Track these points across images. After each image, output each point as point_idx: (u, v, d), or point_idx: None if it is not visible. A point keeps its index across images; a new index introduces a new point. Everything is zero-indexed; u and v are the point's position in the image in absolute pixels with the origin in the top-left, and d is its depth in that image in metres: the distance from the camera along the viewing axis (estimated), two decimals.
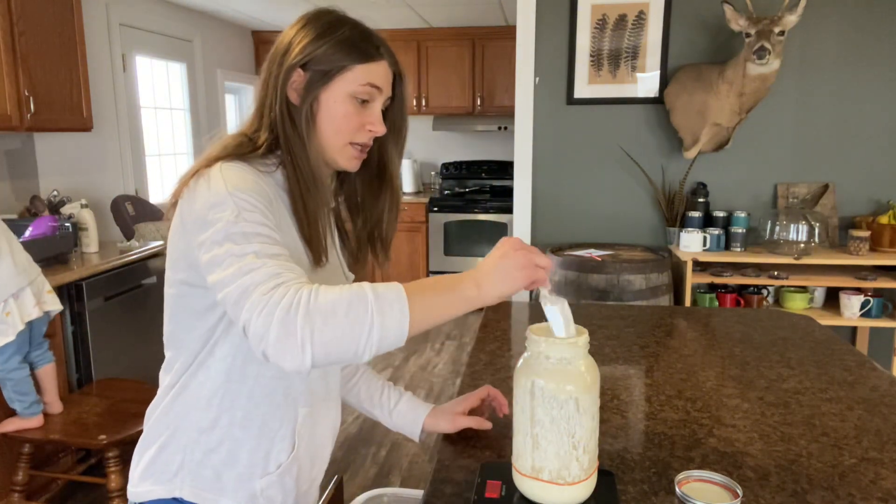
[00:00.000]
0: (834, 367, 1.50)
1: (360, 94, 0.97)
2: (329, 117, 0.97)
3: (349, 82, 0.96)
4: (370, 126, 0.99)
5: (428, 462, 2.86)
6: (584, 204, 3.34)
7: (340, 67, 0.95)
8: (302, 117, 0.95)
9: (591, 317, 1.94)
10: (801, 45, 3.03)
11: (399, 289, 0.80)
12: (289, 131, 0.96)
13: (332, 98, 0.96)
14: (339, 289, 0.79)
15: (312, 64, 0.95)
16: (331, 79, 0.95)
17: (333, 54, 0.95)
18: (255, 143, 0.97)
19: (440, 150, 5.89)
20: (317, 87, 0.95)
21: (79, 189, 3.48)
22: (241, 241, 0.82)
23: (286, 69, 0.95)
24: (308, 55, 0.95)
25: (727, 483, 0.90)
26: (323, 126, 0.97)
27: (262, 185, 0.91)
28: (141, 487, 1.01)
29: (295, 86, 0.96)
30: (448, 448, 1.14)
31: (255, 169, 0.94)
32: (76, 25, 2.95)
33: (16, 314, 2.06)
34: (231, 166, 0.91)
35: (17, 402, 2.14)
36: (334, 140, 0.98)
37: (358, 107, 0.98)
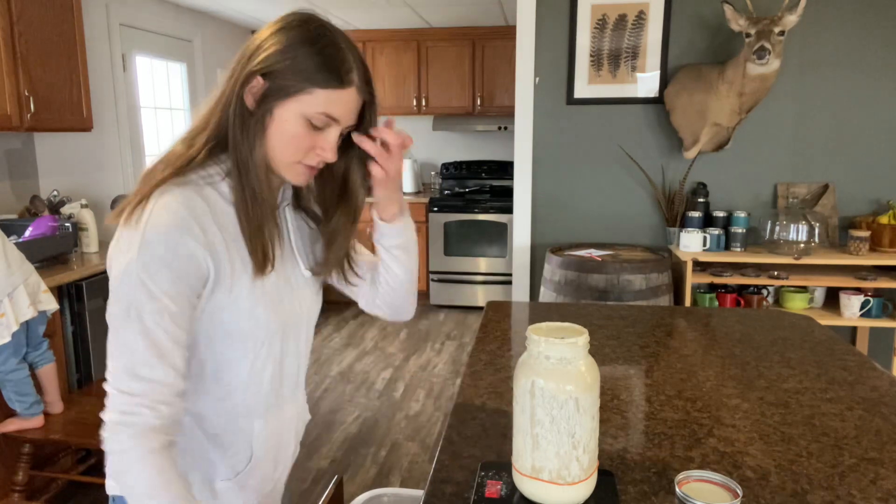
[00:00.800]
0: (834, 367, 1.50)
1: (315, 119, 0.91)
2: (279, 133, 0.92)
3: (306, 105, 0.90)
4: (321, 151, 0.94)
5: (428, 462, 2.86)
6: (584, 204, 3.34)
7: (300, 88, 0.90)
8: (252, 124, 0.91)
9: (591, 317, 1.94)
10: (801, 45, 3.03)
11: None
12: (238, 135, 0.92)
13: (285, 115, 0.91)
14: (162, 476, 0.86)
15: (273, 75, 0.90)
16: (287, 96, 0.90)
17: (295, 72, 0.89)
18: (195, 145, 0.94)
19: (440, 150, 5.89)
20: (272, 100, 0.90)
21: (79, 189, 3.49)
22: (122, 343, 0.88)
23: (247, 73, 0.91)
24: (270, 65, 0.90)
25: (727, 483, 0.90)
26: (272, 139, 0.92)
27: (189, 229, 0.88)
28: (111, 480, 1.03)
29: (253, 91, 0.91)
30: (448, 448, 1.14)
31: (194, 190, 0.90)
32: (76, 25, 2.95)
33: (10, 314, 2.04)
34: (158, 221, 0.86)
35: (17, 402, 2.14)
36: (281, 156, 0.94)
37: (311, 129, 0.92)
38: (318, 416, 3.34)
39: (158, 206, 0.88)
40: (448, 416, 1.52)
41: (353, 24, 5.19)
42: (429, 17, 4.98)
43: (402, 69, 5.46)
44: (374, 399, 3.57)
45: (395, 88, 5.49)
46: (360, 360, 4.16)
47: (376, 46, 5.44)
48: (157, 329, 0.86)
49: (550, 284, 2.87)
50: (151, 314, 0.86)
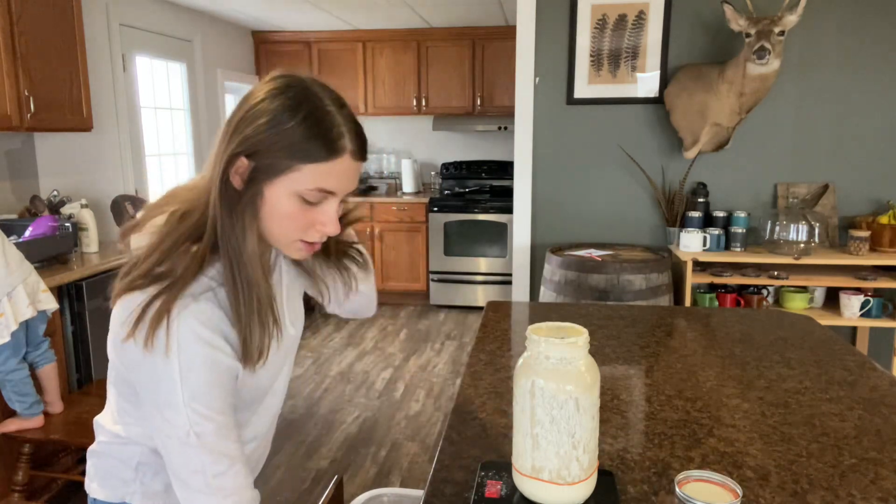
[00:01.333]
0: (834, 367, 1.50)
1: (308, 196, 0.84)
2: (273, 215, 0.85)
3: (296, 182, 0.83)
4: (320, 227, 0.87)
5: (428, 462, 2.86)
6: (584, 204, 3.34)
7: (287, 167, 0.82)
8: (241, 208, 0.84)
9: (591, 317, 1.94)
10: (801, 45, 3.03)
11: None
12: (226, 221, 0.84)
13: (276, 195, 0.84)
14: None
15: (257, 154, 0.82)
16: (275, 175, 0.83)
17: (280, 150, 0.81)
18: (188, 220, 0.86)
19: (440, 150, 5.89)
20: (260, 181, 0.83)
21: (79, 189, 3.48)
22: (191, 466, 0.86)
23: (229, 156, 0.83)
24: (252, 144, 0.82)
25: (727, 483, 0.90)
26: (266, 222, 0.86)
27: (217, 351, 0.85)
28: (94, 483, 1.04)
29: (239, 171, 0.83)
30: (448, 448, 1.14)
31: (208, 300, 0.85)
32: (76, 25, 2.95)
33: (9, 314, 2.04)
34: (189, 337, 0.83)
35: (17, 402, 2.14)
36: (281, 237, 0.88)
37: (307, 206, 0.85)
38: (318, 416, 3.34)
39: (183, 332, 0.83)
40: (448, 416, 1.52)
41: (354, 24, 5.19)
42: (429, 17, 4.98)
43: (402, 69, 5.46)
44: (374, 399, 3.57)
45: (395, 88, 5.49)
46: (360, 360, 4.16)
47: (376, 46, 5.44)
48: (221, 441, 0.87)
49: (550, 284, 2.87)
50: (212, 434, 0.86)
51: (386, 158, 5.92)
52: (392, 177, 5.88)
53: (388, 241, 5.41)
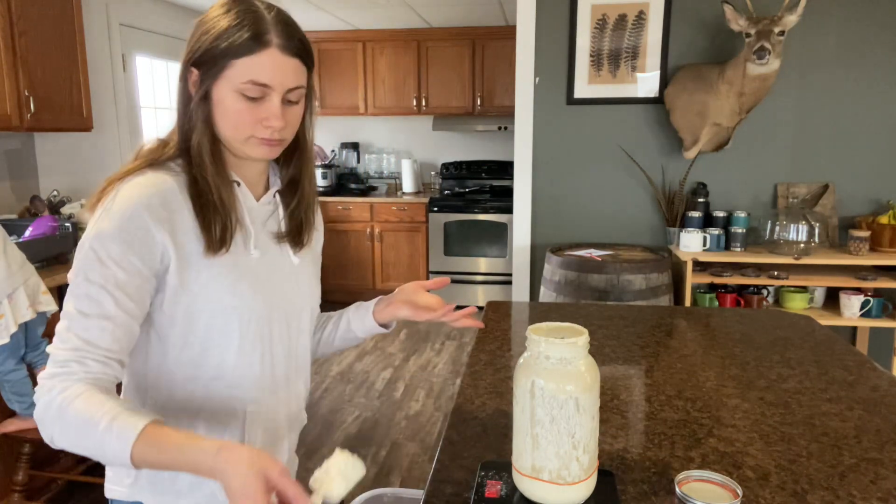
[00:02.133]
0: (834, 367, 1.50)
1: (246, 91, 0.91)
2: (222, 114, 0.93)
3: (231, 79, 0.91)
4: (266, 122, 0.93)
5: (428, 462, 2.86)
6: (584, 204, 3.34)
7: (221, 65, 0.90)
8: (193, 110, 0.94)
9: (591, 317, 1.94)
10: (801, 45, 3.03)
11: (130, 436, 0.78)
12: (185, 127, 0.95)
13: (220, 95, 0.92)
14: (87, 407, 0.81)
15: (199, 60, 0.92)
16: (215, 76, 0.91)
17: (214, 49, 0.91)
18: (167, 144, 0.98)
19: (440, 150, 5.89)
20: (207, 85, 0.92)
21: (79, 189, 3.49)
22: (70, 303, 0.88)
23: (181, 69, 0.95)
24: (195, 51, 0.92)
25: (727, 483, 0.90)
26: (219, 122, 0.94)
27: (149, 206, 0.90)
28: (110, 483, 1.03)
29: (193, 82, 0.94)
30: (448, 448, 1.14)
31: (165, 174, 0.94)
32: (76, 25, 2.95)
33: (9, 316, 2.04)
34: (129, 189, 0.91)
35: (16, 403, 2.14)
36: (233, 135, 0.95)
37: (250, 102, 0.92)
38: (318, 416, 3.34)
39: (129, 184, 0.92)
40: (448, 416, 1.52)
41: (353, 24, 5.19)
42: (429, 17, 4.98)
43: (402, 69, 5.46)
44: (374, 399, 3.57)
45: (395, 88, 5.49)
46: (360, 360, 4.16)
47: (376, 46, 5.44)
48: (102, 293, 0.87)
49: (550, 284, 2.87)
50: (98, 279, 0.87)
51: (386, 158, 5.92)
52: (392, 177, 5.88)
53: (388, 241, 5.41)
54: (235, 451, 0.77)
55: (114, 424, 0.79)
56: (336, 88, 5.56)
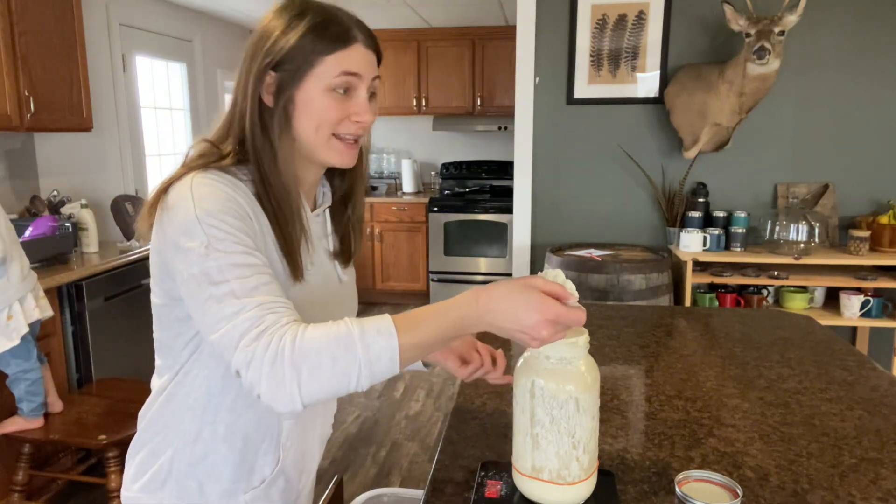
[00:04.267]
0: (834, 367, 1.50)
1: (338, 85, 0.90)
2: (307, 115, 0.90)
3: (322, 76, 0.89)
4: (356, 116, 0.92)
5: (428, 462, 2.86)
6: (584, 204, 3.34)
7: (310, 63, 0.89)
8: (275, 121, 0.90)
9: (591, 317, 1.94)
10: (801, 45, 3.03)
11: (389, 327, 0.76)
12: (258, 141, 0.90)
13: (307, 96, 0.90)
14: (325, 330, 0.77)
15: (281, 64, 0.89)
16: (302, 77, 0.89)
17: (299, 50, 0.89)
18: (220, 152, 0.93)
19: (440, 150, 5.89)
20: (289, 88, 0.90)
21: (79, 189, 3.48)
22: (217, 279, 0.80)
23: (255, 74, 0.90)
24: (274, 56, 0.89)
25: (727, 483, 0.90)
26: (301, 125, 0.91)
27: (237, 198, 0.87)
28: (131, 491, 1.01)
29: (269, 88, 0.91)
30: (448, 448, 1.14)
31: (231, 178, 0.89)
32: (76, 25, 2.95)
33: (19, 317, 2.08)
34: (202, 181, 0.86)
35: (26, 402, 2.15)
36: (316, 136, 0.91)
37: (339, 98, 0.91)
38: None
39: (197, 182, 0.86)
40: (448, 416, 1.52)
41: None
42: (429, 17, 4.98)
43: (402, 69, 5.45)
44: (374, 399, 3.57)
45: (395, 88, 5.49)
46: None
47: None
48: (247, 256, 0.82)
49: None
50: (234, 246, 0.82)
51: (386, 158, 5.92)
52: (392, 177, 5.88)
53: (388, 241, 5.41)
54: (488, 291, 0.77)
55: (366, 328, 0.76)
56: None
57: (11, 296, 2.06)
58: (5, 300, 2.04)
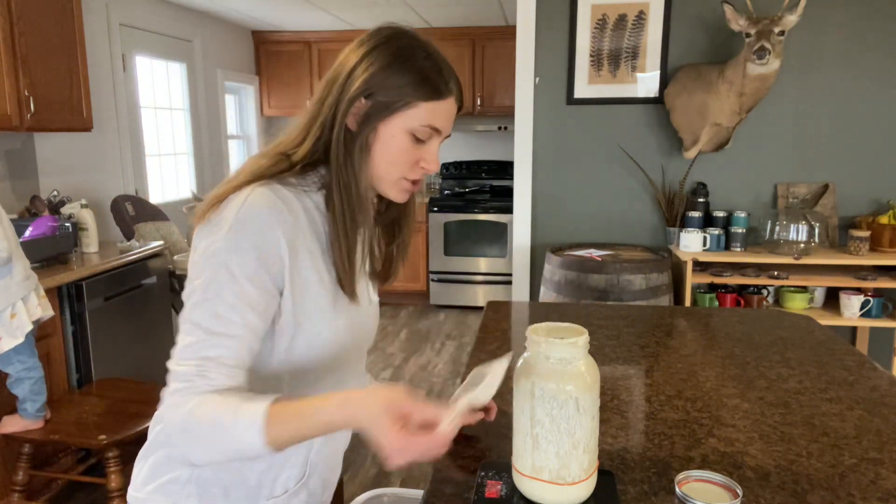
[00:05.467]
0: (834, 367, 1.50)
1: (419, 132, 0.92)
2: (385, 150, 0.92)
3: (410, 119, 0.91)
4: (424, 164, 0.95)
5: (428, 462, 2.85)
6: (584, 204, 3.34)
7: (404, 103, 0.90)
8: (356, 146, 0.91)
9: (591, 317, 1.94)
10: (801, 45, 3.03)
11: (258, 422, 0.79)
12: (341, 158, 0.92)
13: (390, 132, 0.91)
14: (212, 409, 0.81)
15: (376, 94, 0.90)
16: (392, 112, 0.90)
17: (400, 88, 0.90)
18: (291, 158, 0.93)
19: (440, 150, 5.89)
20: (376, 119, 0.90)
21: (79, 189, 3.48)
22: (195, 319, 0.84)
23: (349, 98, 0.90)
24: (371, 86, 0.90)
25: (727, 483, 0.90)
26: (377, 158, 0.92)
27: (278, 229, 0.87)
28: (142, 493, 1.00)
29: (355, 112, 0.91)
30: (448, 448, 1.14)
31: (288, 192, 0.90)
32: (76, 25, 2.95)
33: (23, 315, 2.10)
34: (254, 203, 0.86)
35: (29, 402, 2.16)
36: (387, 173, 0.94)
37: (415, 143, 0.93)
38: None
39: (255, 192, 0.87)
40: None
41: (354, 24, 5.19)
42: (429, 17, 4.98)
43: None
44: None
45: None
46: None
47: None
48: (231, 312, 0.84)
49: (550, 284, 2.87)
50: (229, 297, 0.84)
51: None
52: None
53: None
54: (356, 402, 0.80)
55: (238, 418, 0.79)
56: None
57: (14, 294, 2.09)
58: (8, 298, 2.07)
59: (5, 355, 2.10)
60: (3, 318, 2.06)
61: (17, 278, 2.10)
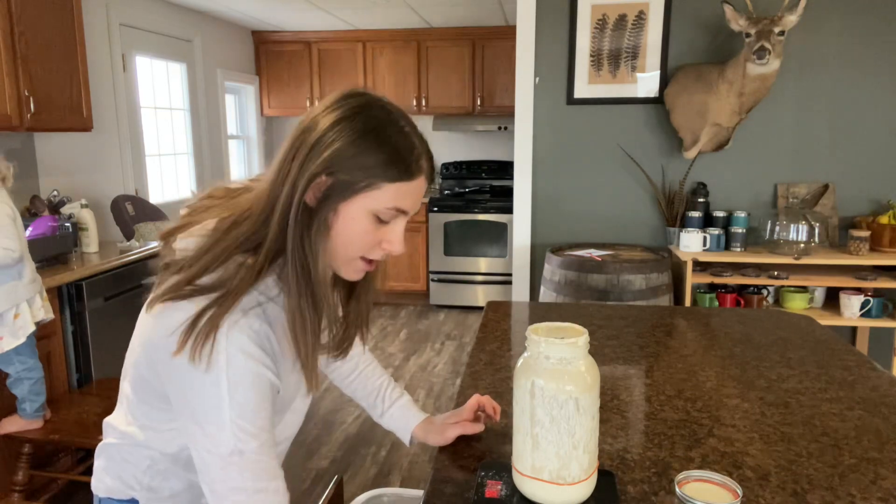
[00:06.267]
0: (834, 367, 1.50)
1: (383, 214, 0.85)
2: (344, 231, 0.85)
3: (374, 200, 0.84)
4: (387, 245, 0.89)
5: (428, 462, 2.85)
6: (584, 204, 3.34)
7: (368, 184, 0.83)
8: (315, 225, 0.84)
9: (591, 317, 1.94)
10: (801, 45, 3.03)
11: None
12: (297, 237, 0.83)
13: (351, 213, 0.84)
14: None
15: (338, 172, 0.82)
16: (355, 193, 0.83)
17: (363, 168, 0.82)
18: (258, 257, 0.84)
19: (440, 150, 5.89)
20: (336, 198, 0.83)
21: (79, 189, 3.48)
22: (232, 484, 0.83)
23: (309, 174, 0.82)
24: (336, 162, 0.82)
25: (727, 483, 0.90)
26: (336, 239, 0.85)
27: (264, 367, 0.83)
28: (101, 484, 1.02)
29: (315, 189, 0.83)
30: (448, 448, 1.14)
31: (258, 316, 0.84)
32: (76, 25, 2.95)
33: (27, 316, 2.11)
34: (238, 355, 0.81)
35: (28, 402, 2.16)
36: (344, 253, 0.87)
37: (378, 224, 0.86)
38: (318, 416, 3.34)
39: (232, 348, 0.81)
40: None
41: (354, 24, 5.19)
42: (429, 17, 4.98)
43: (402, 69, 5.45)
44: None
45: (395, 88, 5.49)
46: None
47: (376, 46, 5.44)
48: (263, 458, 0.84)
49: (550, 284, 2.87)
50: (254, 452, 0.83)
51: None
52: None
53: None
54: None
55: None
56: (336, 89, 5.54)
57: (21, 295, 2.10)
58: (14, 299, 2.08)
59: (6, 355, 2.10)
60: (6, 319, 2.07)
61: (25, 280, 2.12)
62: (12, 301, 2.07)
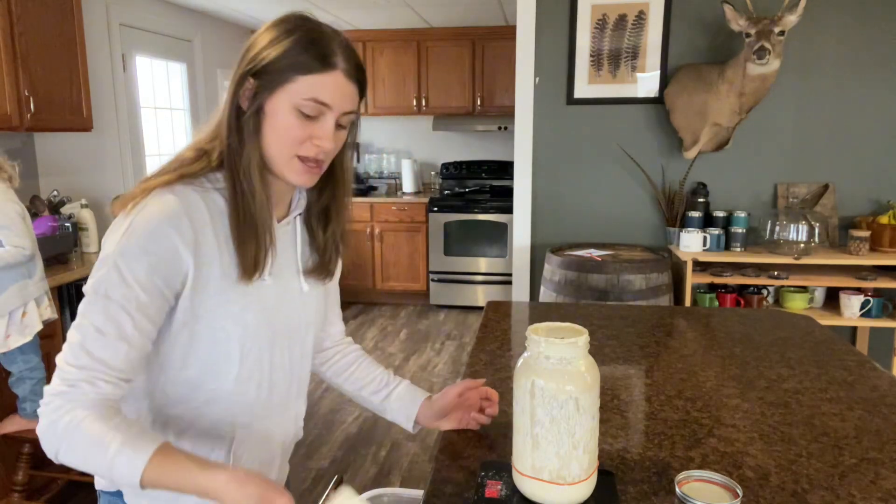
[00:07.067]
0: (834, 367, 1.50)
1: (304, 108, 0.90)
2: (272, 128, 0.91)
3: (292, 94, 0.89)
4: (318, 141, 0.92)
5: (428, 462, 2.86)
6: (584, 204, 3.34)
7: (284, 78, 0.89)
8: (245, 124, 0.91)
9: (591, 317, 1.94)
10: (801, 45, 3.03)
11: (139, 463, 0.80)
12: (232, 141, 0.92)
13: (275, 108, 0.90)
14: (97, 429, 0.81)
15: (261, 73, 0.90)
16: (274, 89, 0.90)
17: (278, 62, 0.89)
18: (209, 156, 0.95)
19: (440, 150, 5.89)
20: (261, 97, 0.90)
21: (79, 189, 3.48)
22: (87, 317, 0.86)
23: (238, 77, 0.92)
24: (256, 63, 0.90)
25: (727, 483, 0.90)
26: (267, 138, 0.92)
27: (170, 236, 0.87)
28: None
29: (246, 93, 0.92)
30: (448, 448, 1.14)
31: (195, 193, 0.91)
32: (76, 25, 2.95)
33: (34, 315, 2.12)
34: (151, 211, 0.87)
35: (30, 401, 2.16)
36: (279, 153, 0.93)
37: (304, 120, 0.91)
38: (318, 416, 3.34)
39: (156, 198, 0.89)
40: None
41: (354, 24, 5.19)
42: (429, 17, 4.98)
43: (402, 69, 5.45)
44: None
45: (395, 88, 5.49)
46: None
47: (376, 46, 5.44)
48: (121, 313, 0.85)
49: (550, 284, 2.87)
50: (119, 299, 0.86)
51: (386, 158, 5.92)
52: (392, 177, 5.88)
53: (388, 241, 5.41)
54: (242, 484, 0.80)
55: (124, 448, 0.80)
56: None
57: (30, 294, 2.11)
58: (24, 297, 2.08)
59: (10, 353, 2.10)
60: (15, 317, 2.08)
61: (35, 278, 2.12)
62: (22, 299, 2.08)
